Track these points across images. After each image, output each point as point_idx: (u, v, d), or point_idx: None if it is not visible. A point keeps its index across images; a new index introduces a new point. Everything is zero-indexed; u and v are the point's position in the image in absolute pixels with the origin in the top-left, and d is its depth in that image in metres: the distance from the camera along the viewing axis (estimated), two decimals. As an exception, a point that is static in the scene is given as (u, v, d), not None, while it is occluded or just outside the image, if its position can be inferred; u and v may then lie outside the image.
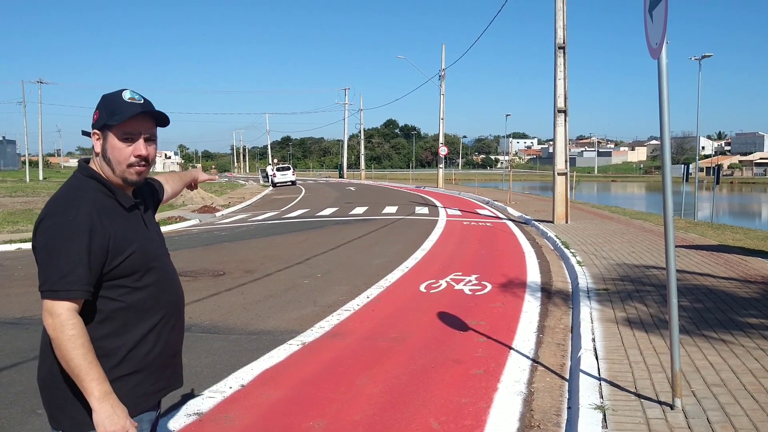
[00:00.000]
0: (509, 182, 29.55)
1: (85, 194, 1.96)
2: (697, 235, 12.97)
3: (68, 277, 1.84)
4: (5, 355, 5.57)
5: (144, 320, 2.02)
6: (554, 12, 15.82)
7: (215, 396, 4.55)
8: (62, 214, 1.90)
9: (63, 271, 1.84)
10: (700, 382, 4.44)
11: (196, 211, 22.35)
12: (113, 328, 1.96)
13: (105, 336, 1.94)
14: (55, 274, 1.84)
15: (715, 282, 7.88)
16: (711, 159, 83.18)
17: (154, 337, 2.04)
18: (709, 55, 32.88)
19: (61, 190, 2.01)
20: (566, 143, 16.43)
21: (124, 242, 1.96)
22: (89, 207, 1.92)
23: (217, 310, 7.30)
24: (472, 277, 8.97)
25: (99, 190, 2.00)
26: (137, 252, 1.99)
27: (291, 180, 48.67)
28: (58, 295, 1.83)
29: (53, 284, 1.84)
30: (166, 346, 2.09)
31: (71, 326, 1.83)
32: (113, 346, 1.95)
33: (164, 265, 2.14)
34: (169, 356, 2.12)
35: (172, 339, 2.13)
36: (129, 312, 1.99)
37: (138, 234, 2.04)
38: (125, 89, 2.02)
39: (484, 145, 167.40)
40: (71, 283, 1.84)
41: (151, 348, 2.04)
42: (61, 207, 1.92)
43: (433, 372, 5.04)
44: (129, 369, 1.98)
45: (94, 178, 2.02)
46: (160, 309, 2.07)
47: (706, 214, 26.82)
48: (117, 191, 2.04)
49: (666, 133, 4.01)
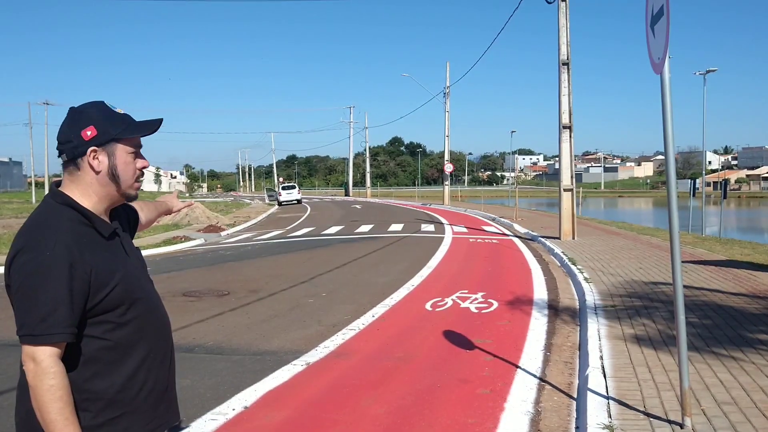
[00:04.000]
0: (515, 199, 29.47)
1: (60, 224, 1.78)
2: (705, 251, 12.86)
3: (48, 320, 1.67)
4: (8, 378, 5.54)
5: (131, 356, 1.86)
6: (557, 29, 15.89)
7: (217, 418, 4.50)
8: (37, 248, 1.72)
9: (42, 314, 1.67)
10: (710, 400, 4.35)
11: (202, 230, 22.36)
12: (98, 369, 1.80)
13: (90, 378, 1.78)
14: (34, 317, 1.68)
15: (723, 298, 7.79)
16: (718, 173, 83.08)
17: (143, 374, 1.89)
18: (713, 69, 32.82)
19: (33, 219, 1.82)
20: (572, 159, 16.40)
21: (106, 275, 1.80)
22: (67, 239, 1.75)
23: (221, 330, 7.26)
24: (478, 294, 8.90)
25: (75, 219, 1.82)
26: (120, 284, 1.83)
27: (296, 198, 48.81)
28: (37, 340, 1.67)
29: (32, 328, 1.67)
30: (157, 381, 1.94)
31: (52, 375, 1.67)
32: (99, 388, 1.80)
33: (148, 294, 1.97)
34: (161, 391, 1.96)
35: (162, 373, 1.97)
36: (114, 350, 1.82)
37: (120, 264, 1.88)
38: (100, 101, 1.90)
39: (489, 162, 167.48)
40: (52, 327, 1.68)
41: (142, 386, 1.88)
42: (35, 241, 1.74)
43: (439, 392, 4.98)
44: (118, 411, 1.83)
45: (68, 205, 1.83)
46: (146, 342, 1.91)
47: (714, 229, 26.66)
48: (95, 219, 1.86)
49: (670, 147, 3.98)
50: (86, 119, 1.84)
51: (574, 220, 16.16)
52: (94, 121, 1.84)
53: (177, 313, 7.83)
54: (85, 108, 1.88)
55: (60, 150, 1.86)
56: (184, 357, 5.99)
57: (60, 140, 1.85)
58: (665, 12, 3.79)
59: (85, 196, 1.87)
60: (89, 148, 1.84)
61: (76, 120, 1.85)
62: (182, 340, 6.64)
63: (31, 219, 1.83)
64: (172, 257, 15.36)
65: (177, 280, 11.03)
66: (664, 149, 4.02)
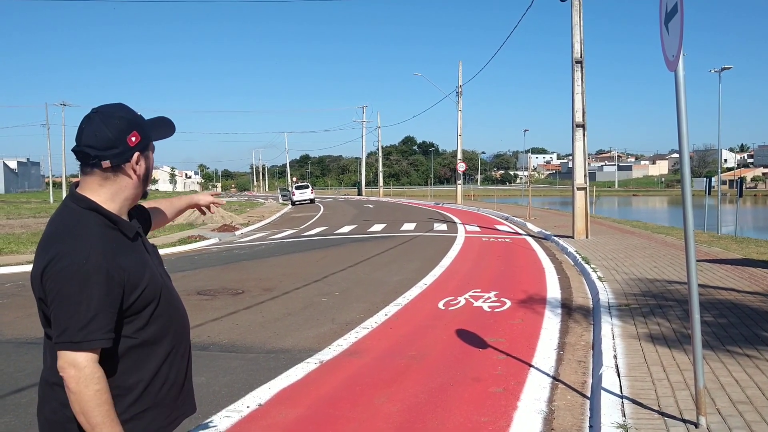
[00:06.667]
0: (528, 198, 29.38)
1: (91, 231, 1.78)
2: (720, 249, 12.76)
3: (89, 327, 1.69)
4: (26, 375, 5.61)
5: (156, 353, 1.89)
6: (571, 26, 15.81)
7: (232, 416, 4.54)
8: (72, 256, 1.71)
9: (83, 321, 1.68)
10: (726, 399, 4.33)
11: (216, 230, 22.50)
12: (127, 366, 1.83)
13: (120, 375, 1.81)
14: (75, 325, 1.68)
15: (739, 296, 7.73)
16: (734, 172, 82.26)
17: (167, 369, 1.93)
18: (728, 67, 32.62)
19: (62, 225, 1.80)
20: (585, 158, 16.33)
21: (137, 276, 1.82)
22: (100, 245, 1.76)
23: (235, 328, 7.31)
24: (491, 293, 8.89)
25: (103, 223, 1.82)
26: (150, 284, 1.86)
27: (310, 198, 48.91)
28: (80, 347, 1.68)
29: (73, 335, 1.68)
30: (178, 375, 1.98)
31: (96, 380, 1.70)
32: (128, 384, 1.83)
33: (169, 291, 1.99)
34: (181, 384, 2.01)
35: (182, 366, 2.02)
36: (142, 347, 1.86)
37: (146, 263, 1.90)
38: (123, 104, 1.90)
39: (502, 161, 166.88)
40: (92, 333, 1.69)
41: (165, 380, 1.92)
42: (70, 248, 1.73)
43: (452, 390, 4.99)
44: (145, 405, 1.86)
45: (94, 210, 1.82)
46: (170, 338, 1.95)
47: (729, 228, 26.39)
48: (120, 222, 1.86)
49: (684, 145, 3.96)
50: (127, 124, 1.83)
51: (587, 218, 16.09)
52: (135, 126, 1.85)
53: (192, 312, 7.82)
54: (118, 111, 1.85)
55: (100, 156, 1.79)
56: (199, 355, 6.04)
57: (99, 146, 1.79)
58: (679, 9, 3.77)
59: (112, 199, 1.86)
60: (134, 154, 1.84)
61: (116, 125, 1.81)
62: (197, 339, 6.69)
63: (60, 225, 1.81)
64: (187, 256, 15.47)
65: (192, 279, 11.11)
66: (679, 147, 3.99)
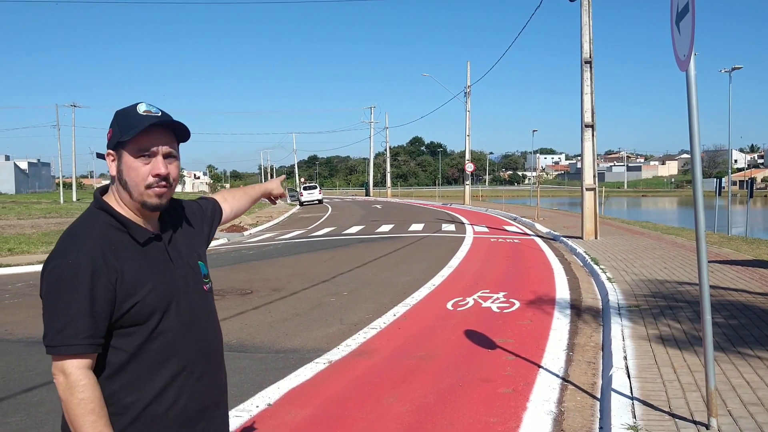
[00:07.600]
0: (537, 198, 29.29)
1: (91, 230, 1.71)
2: (731, 250, 12.68)
3: (66, 331, 1.60)
4: (36, 375, 5.65)
5: (160, 372, 1.74)
6: (580, 27, 15.76)
7: (242, 415, 4.54)
8: (63, 255, 1.66)
9: (61, 324, 1.60)
10: (737, 400, 4.30)
11: (225, 230, 22.54)
12: (124, 383, 1.70)
13: (116, 392, 1.69)
14: (53, 328, 1.61)
15: (750, 297, 7.68)
16: (744, 172, 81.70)
17: (174, 392, 1.76)
18: (739, 67, 32.46)
19: (72, 225, 1.77)
20: (594, 158, 16.26)
21: (134, 284, 1.69)
22: (93, 246, 1.67)
23: (244, 328, 7.33)
24: (499, 294, 8.87)
25: (109, 224, 1.74)
26: (152, 293, 1.72)
27: (318, 198, 49.01)
28: (57, 351, 1.60)
29: (51, 338, 1.61)
30: (190, 400, 1.80)
31: (82, 388, 1.60)
32: (125, 402, 1.70)
33: (190, 305, 1.83)
34: (197, 411, 1.82)
35: (198, 390, 1.82)
36: (142, 363, 1.72)
37: (155, 272, 1.75)
38: (141, 102, 1.77)
39: (511, 162, 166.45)
40: (69, 337, 1.59)
41: (172, 404, 1.75)
42: (64, 247, 1.68)
43: (461, 391, 4.98)
44: (143, 427, 1.72)
45: (104, 209, 1.76)
46: (180, 358, 1.78)
47: (740, 229, 26.21)
48: (130, 225, 1.76)
49: (696, 146, 3.94)
50: (112, 121, 1.78)
51: (596, 219, 16.02)
52: (113, 123, 1.77)
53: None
54: (119, 110, 1.80)
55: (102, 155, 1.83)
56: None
57: None
58: (690, 9, 3.75)
59: (117, 202, 1.80)
60: (107, 151, 1.78)
61: (111, 121, 1.79)
62: (206, 338, 6.70)
63: (71, 225, 1.78)
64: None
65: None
66: (690, 148, 3.97)
